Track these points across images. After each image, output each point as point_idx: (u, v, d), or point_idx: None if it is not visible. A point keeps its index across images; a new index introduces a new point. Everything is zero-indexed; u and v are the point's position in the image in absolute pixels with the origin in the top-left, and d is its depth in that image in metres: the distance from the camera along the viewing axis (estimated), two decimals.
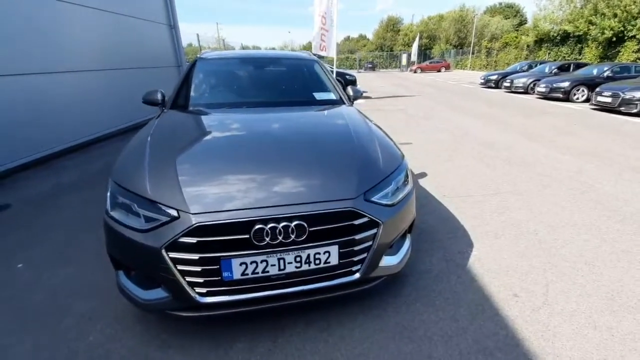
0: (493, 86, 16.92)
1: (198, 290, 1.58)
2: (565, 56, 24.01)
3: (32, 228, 3.10)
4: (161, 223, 1.54)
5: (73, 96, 5.85)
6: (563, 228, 3.00)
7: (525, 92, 14.15)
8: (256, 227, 1.52)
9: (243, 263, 1.55)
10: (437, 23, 46.80)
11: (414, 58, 36.20)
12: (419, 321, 1.94)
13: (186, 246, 1.51)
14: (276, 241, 1.55)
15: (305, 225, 1.56)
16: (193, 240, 1.50)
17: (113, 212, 1.70)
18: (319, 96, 3.19)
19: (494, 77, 17.09)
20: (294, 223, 1.55)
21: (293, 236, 1.56)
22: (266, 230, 1.53)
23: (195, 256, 1.52)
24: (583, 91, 11.50)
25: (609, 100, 9.26)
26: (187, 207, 1.54)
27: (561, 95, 11.69)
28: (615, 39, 19.83)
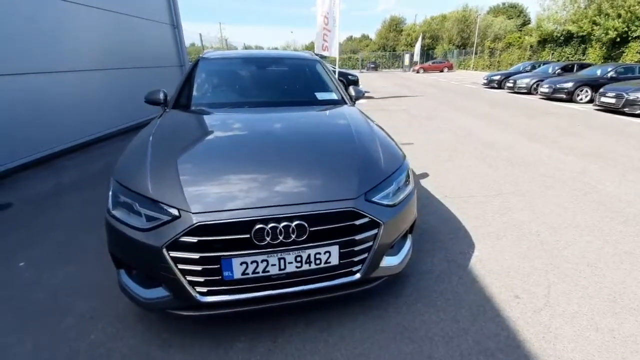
0: (496, 86, 16.84)
1: (199, 289, 1.59)
2: (568, 57, 23.89)
3: (33, 227, 3.11)
4: (162, 222, 1.55)
5: (74, 96, 5.85)
6: (565, 229, 2.99)
7: (528, 93, 14.09)
8: (257, 227, 1.52)
9: (243, 263, 1.56)
10: (440, 23, 46.69)
11: (417, 58, 36.13)
12: (420, 322, 1.94)
13: (187, 245, 1.51)
14: (277, 241, 1.55)
15: (305, 225, 1.56)
16: (194, 239, 1.50)
17: (115, 211, 1.71)
18: (321, 96, 3.19)
19: (497, 78, 17.01)
20: (295, 223, 1.55)
21: (294, 236, 1.56)
22: (267, 230, 1.53)
23: (195, 255, 1.52)
24: (587, 92, 11.43)
25: (613, 101, 9.21)
26: (188, 207, 1.55)
27: (564, 95, 11.63)
28: (619, 40, 19.71)
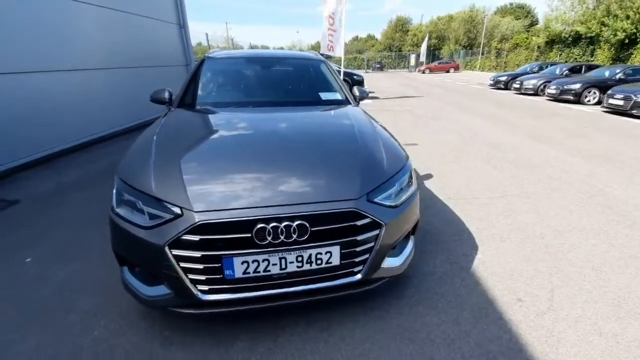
0: (502, 87, 16.71)
1: (200, 287, 1.60)
2: (576, 58, 23.64)
3: (34, 227, 3.11)
4: (165, 220, 1.56)
5: (80, 94, 5.87)
6: (570, 232, 2.96)
7: (535, 94, 13.96)
8: (258, 226, 1.53)
9: (245, 262, 1.56)
10: (447, 23, 46.41)
11: (423, 58, 35.94)
12: (421, 323, 1.93)
13: (189, 244, 1.52)
14: (278, 240, 1.55)
15: (307, 225, 1.57)
16: (196, 238, 1.51)
17: (118, 209, 1.72)
18: (325, 96, 3.19)
19: (504, 79, 16.88)
20: (296, 223, 1.56)
21: (295, 236, 1.56)
22: (268, 229, 1.53)
23: (197, 254, 1.53)
24: (594, 93, 11.30)
25: (621, 103, 9.11)
26: (191, 205, 1.56)
27: (572, 97, 11.51)
28: (628, 41, 19.47)
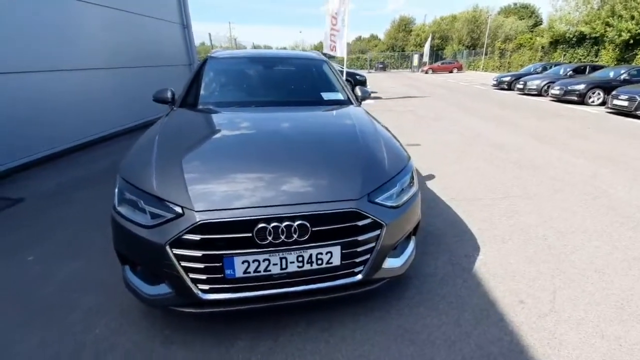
0: (506, 88, 16.63)
1: (201, 286, 1.60)
2: (581, 58, 23.51)
3: (36, 226, 3.10)
4: (166, 220, 1.57)
5: (82, 94, 5.87)
6: (573, 234, 2.94)
7: (538, 95, 13.89)
8: (259, 226, 1.53)
9: (245, 261, 1.56)
10: (450, 23, 46.27)
11: (426, 59, 35.90)
12: (422, 325, 1.92)
13: (190, 243, 1.53)
14: (279, 240, 1.55)
15: (307, 225, 1.57)
16: (197, 237, 1.52)
17: (120, 208, 1.73)
18: (327, 96, 3.19)
19: (507, 79, 16.80)
20: (297, 223, 1.56)
21: (295, 236, 1.56)
22: (269, 229, 1.53)
23: (198, 253, 1.53)
24: (599, 94, 11.23)
25: (626, 103, 9.05)
26: (192, 205, 1.56)
27: (576, 98, 11.44)
28: (632, 42, 19.32)
